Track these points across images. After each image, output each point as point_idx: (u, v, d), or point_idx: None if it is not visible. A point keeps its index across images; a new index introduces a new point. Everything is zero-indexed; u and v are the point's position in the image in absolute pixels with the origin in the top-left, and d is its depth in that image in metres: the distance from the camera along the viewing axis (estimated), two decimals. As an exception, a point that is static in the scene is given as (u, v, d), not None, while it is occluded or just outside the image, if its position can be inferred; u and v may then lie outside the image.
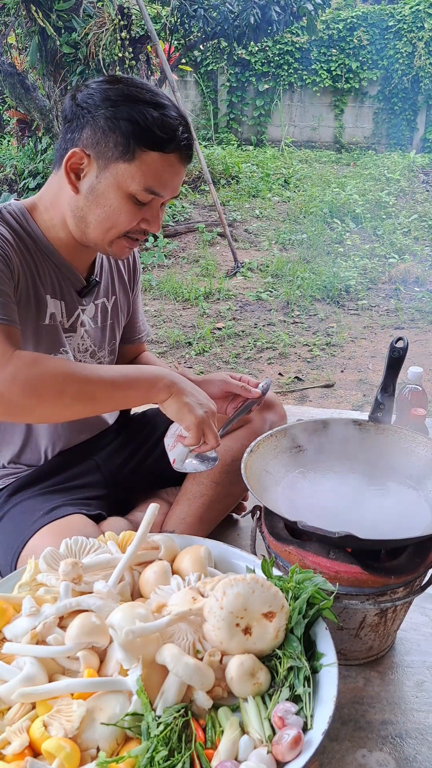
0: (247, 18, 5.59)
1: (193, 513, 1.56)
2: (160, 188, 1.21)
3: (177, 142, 1.19)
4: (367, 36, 9.91)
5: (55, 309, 1.35)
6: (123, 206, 1.22)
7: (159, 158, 1.19)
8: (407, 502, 1.36)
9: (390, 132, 10.29)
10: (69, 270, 1.35)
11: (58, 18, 5.09)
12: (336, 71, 10.08)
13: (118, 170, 1.19)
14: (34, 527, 1.29)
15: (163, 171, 1.20)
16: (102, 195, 1.21)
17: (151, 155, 1.18)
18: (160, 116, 1.17)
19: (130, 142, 1.17)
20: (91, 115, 1.18)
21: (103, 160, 1.19)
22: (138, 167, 1.18)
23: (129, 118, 1.16)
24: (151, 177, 1.19)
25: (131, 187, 1.20)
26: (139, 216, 1.24)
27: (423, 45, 9.62)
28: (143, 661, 0.88)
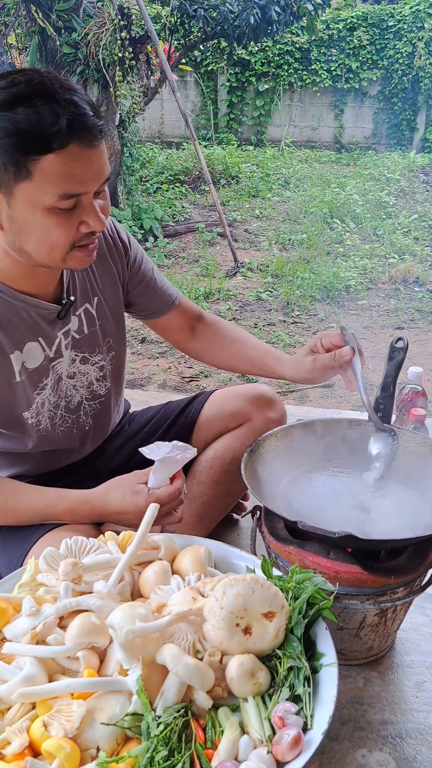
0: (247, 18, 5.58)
1: (193, 512, 1.56)
2: (76, 187, 1.07)
3: (66, 131, 1.02)
4: (367, 36, 9.90)
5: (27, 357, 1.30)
6: (50, 223, 1.09)
7: (56, 158, 1.03)
8: (407, 502, 1.36)
9: (390, 132, 10.29)
10: (38, 305, 1.28)
11: (58, 18, 5.09)
12: (336, 71, 10.07)
13: (22, 192, 1.05)
14: (35, 536, 1.28)
15: (69, 169, 1.04)
16: (24, 222, 1.09)
17: (46, 160, 1.03)
18: (34, 113, 1.01)
19: (17, 158, 1.02)
20: None
21: (4, 187, 1.06)
22: (40, 179, 1.04)
23: (4, 132, 1.01)
24: (60, 181, 1.05)
25: (46, 201, 1.06)
26: (74, 222, 1.11)
27: (423, 45, 9.61)
28: (143, 661, 0.88)
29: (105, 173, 1.12)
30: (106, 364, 1.48)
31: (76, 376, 1.42)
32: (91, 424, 1.49)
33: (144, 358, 3.82)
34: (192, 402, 1.68)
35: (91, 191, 1.10)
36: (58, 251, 1.13)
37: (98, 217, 1.12)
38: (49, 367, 1.35)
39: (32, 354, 1.31)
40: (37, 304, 1.28)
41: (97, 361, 1.46)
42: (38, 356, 1.32)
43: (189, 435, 1.63)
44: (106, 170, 1.12)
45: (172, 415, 1.66)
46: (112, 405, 1.56)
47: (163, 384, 3.49)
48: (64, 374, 1.39)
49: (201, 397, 1.68)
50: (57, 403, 1.39)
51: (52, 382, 1.36)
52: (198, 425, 1.63)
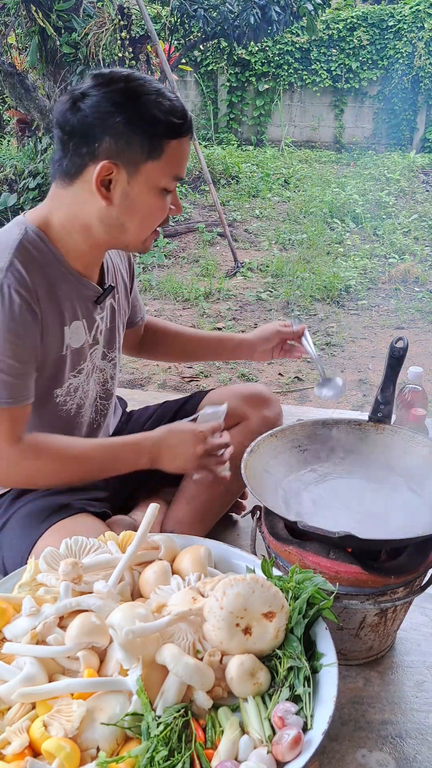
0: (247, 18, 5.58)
1: (192, 513, 1.56)
2: (182, 171, 1.24)
3: (189, 122, 1.21)
4: (367, 36, 9.90)
5: (73, 335, 1.33)
6: (159, 203, 1.23)
7: (178, 144, 1.20)
8: (407, 502, 1.36)
9: (390, 132, 10.29)
10: (87, 285, 1.33)
11: (58, 18, 5.08)
12: (336, 71, 10.07)
13: (148, 170, 1.19)
14: (43, 527, 1.28)
15: (182, 154, 1.22)
16: (138, 199, 1.21)
17: (173, 144, 1.19)
18: (168, 103, 1.17)
19: (155, 140, 1.17)
20: (107, 124, 1.15)
21: (131, 164, 1.18)
22: (166, 161, 1.19)
23: (145, 116, 1.15)
24: (177, 165, 1.22)
25: (162, 182, 1.21)
26: (167, 206, 1.26)
27: (423, 45, 9.61)
28: (143, 661, 0.88)
29: None
30: (117, 363, 1.52)
31: (103, 371, 1.47)
32: (99, 423, 1.51)
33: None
34: (188, 401, 1.69)
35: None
36: (150, 230, 1.28)
37: (180, 203, 1.30)
38: (88, 352, 1.38)
39: (77, 333, 1.34)
40: (87, 284, 1.33)
41: (112, 358, 1.50)
42: (81, 337, 1.35)
43: None
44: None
45: (169, 414, 1.67)
46: (113, 406, 1.59)
47: (163, 384, 3.49)
48: (97, 366, 1.43)
49: (197, 397, 1.69)
50: (87, 393, 1.42)
51: (88, 369, 1.39)
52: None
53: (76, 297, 1.32)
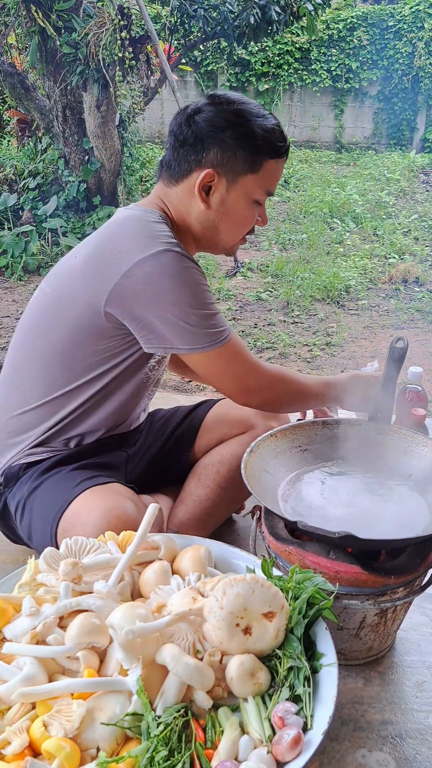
0: (247, 18, 5.58)
1: (197, 516, 1.57)
2: (273, 188, 1.39)
3: (287, 145, 1.36)
4: (367, 36, 9.90)
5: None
6: (250, 212, 1.39)
7: (275, 163, 1.36)
8: (407, 502, 1.36)
9: (390, 132, 10.29)
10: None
11: (58, 18, 5.08)
12: (336, 71, 10.08)
13: (246, 182, 1.34)
14: (76, 490, 1.29)
15: (277, 173, 1.38)
16: (232, 206, 1.36)
17: (271, 162, 1.35)
18: (272, 126, 1.33)
19: (257, 156, 1.32)
20: (219, 137, 1.30)
21: (231, 174, 1.33)
22: (262, 176, 1.35)
23: (252, 134, 1.31)
24: (270, 181, 1.37)
25: (256, 194, 1.36)
26: (256, 217, 1.41)
27: (423, 45, 9.62)
28: (143, 661, 0.88)
29: None
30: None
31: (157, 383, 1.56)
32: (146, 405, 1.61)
33: (144, 358, 3.82)
34: (198, 407, 1.75)
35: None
36: (239, 236, 1.43)
37: (267, 217, 1.45)
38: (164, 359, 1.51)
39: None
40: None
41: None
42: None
43: (193, 437, 1.69)
44: None
45: (178, 419, 1.72)
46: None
47: (163, 384, 3.49)
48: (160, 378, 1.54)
49: (208, 403, 1.75)
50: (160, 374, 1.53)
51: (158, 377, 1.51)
52: (202, 429, 1.69)
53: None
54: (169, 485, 1.69)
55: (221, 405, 1.73)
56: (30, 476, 1.39)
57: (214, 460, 1.62)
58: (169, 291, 1.26)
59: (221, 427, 1.67)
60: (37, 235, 5.23)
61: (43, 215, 5.44)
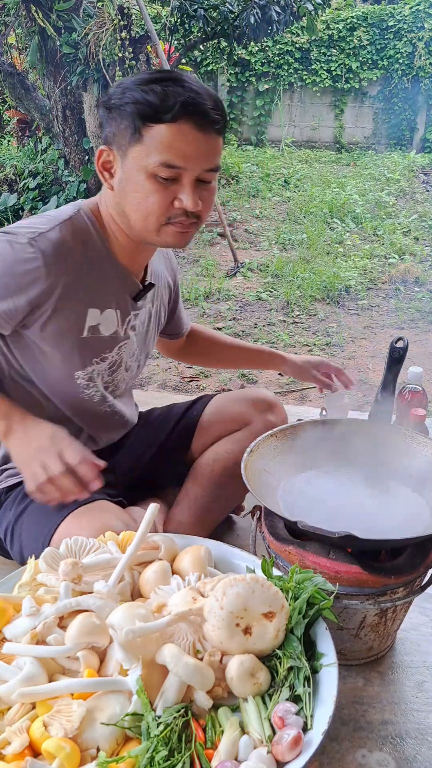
0: (247, 18, 5.58)
1: (193, 515, 1.57)
2: (177, 160, 1.18)
3: (183, 110, 1.15)
4: (367, 36, 9.90)
5: (104, 321, 1.35)
6: (149, 188, 1.20)
7: (166, 129, 1.16)
8: (407, 502, 1.36)
9: (390, 132, 10.29)
10: (127, 276, 1.36)
11: (58, 18, 5.08)
12: (336, 71, 10.07)
13: (133, 153, 1.19)
14: (63, 512, 1.28)
15: (174, 141, 1.17)
16: (129, 182, 1.22)
17: (157, 128, 1.17)
18: (162, 89, 1.16)
19: (135, 122, 1.17)
20: (108, 111, 1.22)
21: (121, 149, 1.21)
22: (149, 144, 1.17)
23: (132, 99, 1.17)
24: (165, 150, 1.17)
25: (149, 165, 1.18)
26: (170, 195, 1.21)
27: (423, 45, 9.61)
28: (143, 661, 0.88)
29: (211, 161, 1.22)
30: (141, 366, 1.56)
31: (129, 370, 1.49)
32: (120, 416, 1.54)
33: (144, 358, 3.82)
34: (194, 404, 1.71)
35: (191, 169, 1.19)
36: (152, 219, 1.23)
37: (193, 198, 1.21)
38: (116, 345, 1.40)
39: (108, 321, 1.36)
40: (127, 276, 1.36)
41: (139, 361, 1.53)
42: (111, 326, 1.37)
43: (190, 436, 1.66)
44: (214, 160, 1.23)
45: (175, 418, 1.69)
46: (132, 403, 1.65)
47: (163, 384, 3.49)
48: (124, 362, 1.45)
49: (203, 400, 1.71)
50: (112, 387, 1.46)
51: (112, 360, 1.41)
52: (199, 427, 1.66)
53: (115, 286, 1.35)
54: (169, 487, 1.69)
55: (217, 401, 1.70)
56: (13, 500, 1.38)
57: (209, 458, 1.61)
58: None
59: (218, 424, 1.65)
60: (37, 235, 5.23)
61: (43, 215, 5.44)
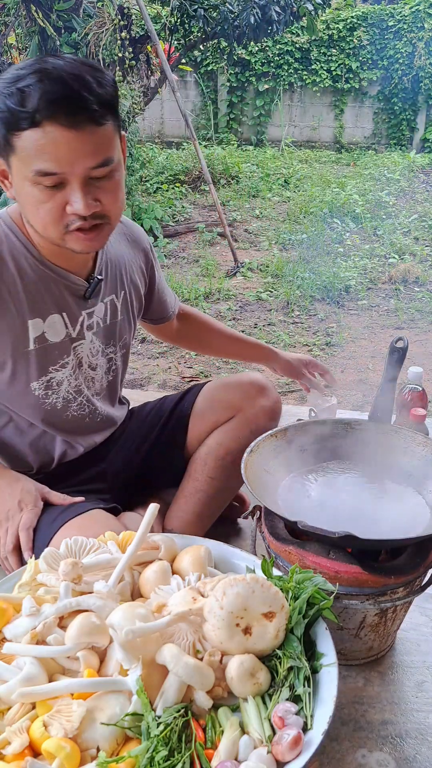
0: (247, 18, 5.58)
1: (191, 510, 1.57)
2: (51, 166, 1.07)
3: (44, 110, 1.03)
4: (367, 36, 9.90)
5: (49, 329, 1.31)
6: (37, 196, 1.11)
7: (32, 135, 1.06)
8: (407, 502, 1.36)
9: (390, 132, 10.29)
10: (66, 277, 1.31)
11: (58, 18, 5.08)
12: (336, 71, 10.07)
13: (14, 166, 1.12)
14: (56, 524, 1.27)
15: (43, 147, 1.06)
16: (20, 194, 1.15)
17: (24, 135, 1.06)
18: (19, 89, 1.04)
19: (2, 132, 1.08)
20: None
21: (6, 160, 1.13)
22: (20, 154, 1.08)
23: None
24: (36, 158, 1.07)
25: (28, 175, 1.09)
26: (60, 201, 1.12)
27: (423, 45, 9.61)
28: (143, 661, 0.88)
29: (97, 157, 1.10)
30: (117, 359, 1.50)
31: (96, 368, 1.45)
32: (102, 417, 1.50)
33: (144, 358, 3.82)
34: (185, 396, 1.68)
35: (71, 172, 1.09)
36: (51, 229, 1.15)
37: (85, 201, 1.11)
38: (71, 347, 1.37)
39: (54, 327, 1.32)
40: (66, 277, 1.31)
41: (109, 354, 1.48)
42: (60, 331, 1.33)
43: (184, 429, 1.63)
44: (101, 155, 1.11)
45: (167, 411, 1.67)
46: (115, 401, 1.58)
47: (163, 384, 3.49)
48: (85, 361, 1.41)
49: (194, 390, 1.68)
50: (79, 389, 1.41)
51: (73, 363, 1.38)
52: (192, 419, 1.63)
53: (54, 290, 1.30)
54: (167, 487, 1.68)
55: (206, 391, 1.66)
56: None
57: (202, 452, 1.59)
58: None
59: (210, 414, 1.61)
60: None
61: (43, 215, 5.43)
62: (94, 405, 1.47)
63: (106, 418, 1.52)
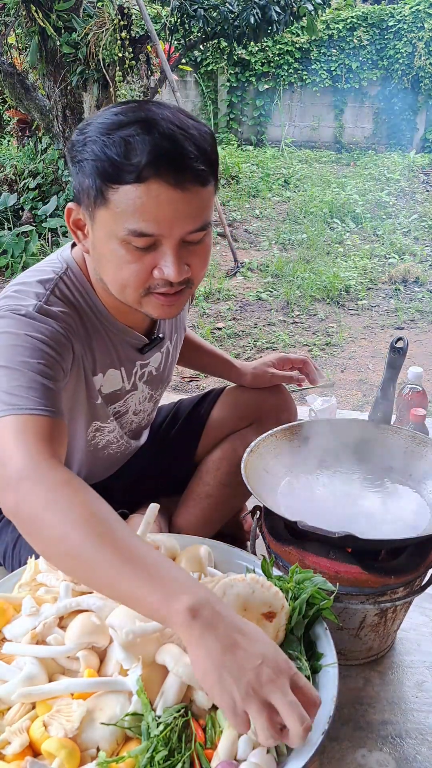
0: (247, 18, 5.58)
1: (199, 514, 1.56)
2: (150, 227, 0.98)
3: (151, 165, 0.94)
4: (367, 36, 9.90)
5: (106, 382, 1.28)
6: (123, 256, 1.01)
7: (133, 192, 0.96)
8: (407, 502, 1.36)
9: (390, 132, 10.29)
10: (128, 334, 1.26)
11: (58, 18, 5.07)
12: (336, 71, 10.07)
13: (101, 219, 1.01)
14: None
15: (144, 205, 0.96)
16: (101, 251, 1.05)
17: (123, 190, 0.97)
18: (123, 139, 0.95)
19: (97, 182, 0.98)
20: (73, 162, 1.03)
21: (88, 211, 1.03)
22: (114, 209, 0.98)
23: (92, 154, 0.98)
24: (134, 216, 0.97)
25: (118, 233, 0.99)
26: (148, 264, 1.02)
27: (423, 45, 9.61)
28: (143, 661, 0.88)
29: (196, 221, 1.01)
30: (158, 400, 1.51)
31: (139, 414, 1.44)
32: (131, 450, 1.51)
33: (144, 358, 3.82)
34: (203, 401, 1.66)
35: (169, 235, 1.00)
36: (131, 291, 1.06)
37: (177, 267, 1.01)
38: (123, 398, 1.35)
39: (111, 380, 1.29)
40: (127, 332, 1.25)
41: (156, 398, 1.48)
42: (116, 383, 1.31)
43: (198, 436, 1.62)
44: (200, 219, 1.02)
45: (183, 415, 1.65)
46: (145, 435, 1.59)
47: (163, 384, 3.49)
48: (131, 409, 1.41)
49: (212, 396, 1.66)
50: (121, 433, 1.42)
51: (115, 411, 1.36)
52: (208, 425, 1.62)
53: (117, 345, 1.25)
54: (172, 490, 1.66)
55: (225, 398, 1.63)
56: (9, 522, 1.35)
57: (216, 456, 1.59)
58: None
59: (229, 422, 1.60)
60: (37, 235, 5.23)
61: (43, 215, 5.44)
62: (129, 443, 1.48)
63: (135, 449, 1.54)
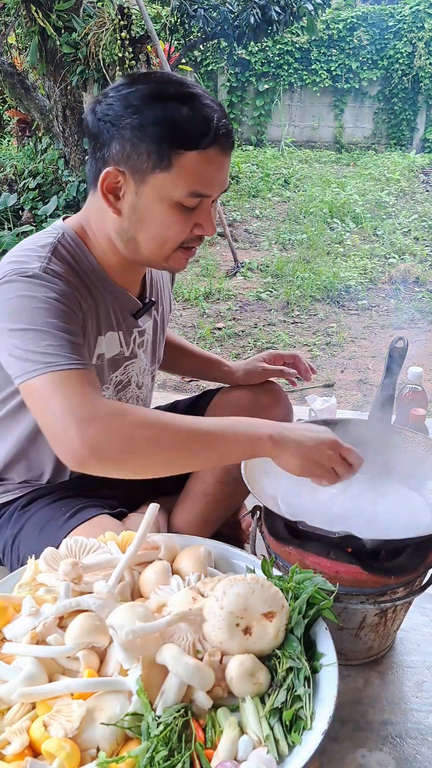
0: (247, 18, 5.58)
1: (197, 513, 1.56)
2: (206, 189, 1.11)
3: (214, 134, 1.07)
4: (367, 36, 9.90)
5: (108, 345, 1.29)
6: (171, 218, 1.12)
7: (198, 157, 1.08)
8: (407, 502, 1.36)
9: (390, 132, 10.29)
10: (124, 296, 1.29)
11: (58, 18, 5.07)
12: (336, 71, 10.07)
13: (156, 181, 1.09)
14: (62, 531, 1.26)
15: (204, 170, 1.09)
16: (146, 212, 1.12)
17: (189, 156, 1.07)
18: (190, 110, 1.06)
19: (163, 148, 1.06)
20: (116, 128, 1.08)
21: (138, 174, 1.09)
22: (177, 173, 1.08)
23: (156, 121, 1.06)
24: (194, 179, 1.09)
25: (175, 195, 1.09)
26: (191, 223, 1.14)
27: (423, 45, 9.61)
28: (143, 661, 0.88)
29: (227, 183, 1.18)
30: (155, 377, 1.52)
31: (142, 387, 1.45)
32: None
33: (144, 358, 3.83)
34: (198, 401, 1.68)
35: (214, 196, 1.15)
36: (168, 247, 1.16)
37: (212, 223, 1.17)
38: (122, 364, 1.36)
39: (111, 344, 1.31)
40: (125, 296, 1.30)
41: (152, 372, 1.49)
42: (115, 348, 1.33)
43: None
44: (227, 182, 1.18)
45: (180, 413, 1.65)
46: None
47: (162, 384, 3.49)
48: (134, 381, 1.41)
49: (206, 397, 1.68)
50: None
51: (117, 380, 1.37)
52: None
53: (114, 307, 1.28)
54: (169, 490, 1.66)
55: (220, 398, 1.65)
56: (9, 518, 1.36)
57: None
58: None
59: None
60: (37, 235, 5.23)
61: (43, 215, 5.44)
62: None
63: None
